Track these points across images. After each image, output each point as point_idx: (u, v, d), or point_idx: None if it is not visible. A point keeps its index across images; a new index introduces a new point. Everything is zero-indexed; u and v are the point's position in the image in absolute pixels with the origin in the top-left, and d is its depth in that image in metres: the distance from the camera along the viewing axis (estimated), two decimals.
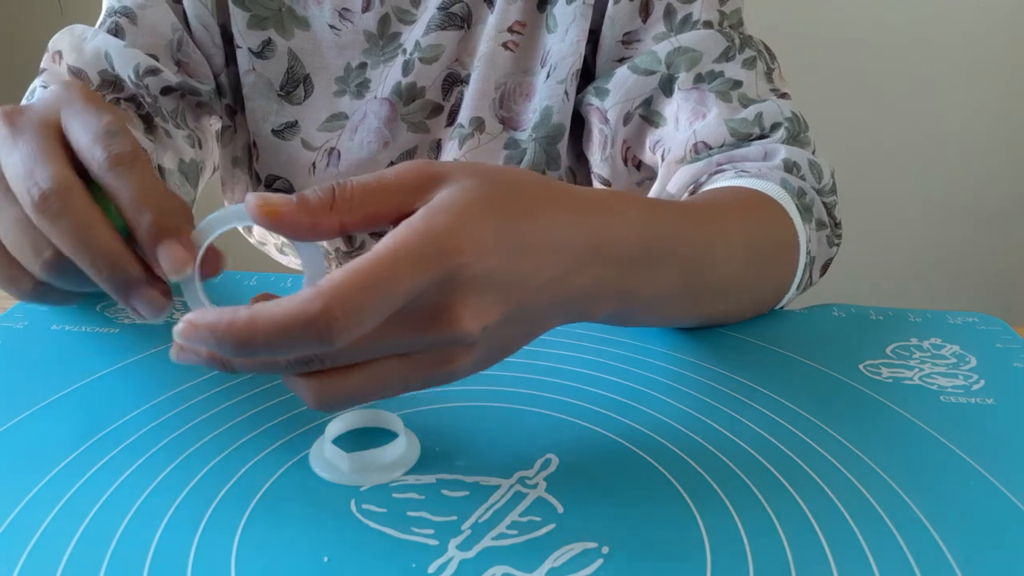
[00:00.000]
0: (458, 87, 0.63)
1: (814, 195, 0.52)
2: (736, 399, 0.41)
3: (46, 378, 0.40)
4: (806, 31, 1.68)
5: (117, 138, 0.31)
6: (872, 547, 0.31)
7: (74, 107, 0.33)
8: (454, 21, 0.61)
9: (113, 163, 0.30)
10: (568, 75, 0.59)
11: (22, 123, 0.33)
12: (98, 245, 0.31)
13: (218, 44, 0.62)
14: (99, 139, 0.31)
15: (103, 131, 0.31)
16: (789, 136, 0.54)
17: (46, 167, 0.30)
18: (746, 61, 0.57)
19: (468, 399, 0.40)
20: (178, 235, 0.31)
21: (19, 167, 0.31)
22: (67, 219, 0.30)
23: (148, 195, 0.31)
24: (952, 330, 0.49)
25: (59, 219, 0.30)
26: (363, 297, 0.26)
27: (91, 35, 0.57)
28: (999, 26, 1.66)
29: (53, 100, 0.34)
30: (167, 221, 0.31)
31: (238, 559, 0.29)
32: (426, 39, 0.61)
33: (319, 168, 0.64)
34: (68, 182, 0.30)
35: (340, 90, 0.63)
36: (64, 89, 0.34)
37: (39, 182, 0.30)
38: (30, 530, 0.30)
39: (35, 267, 0.33)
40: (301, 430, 0.37)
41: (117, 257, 0.31)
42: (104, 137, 0.31)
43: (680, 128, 0.57)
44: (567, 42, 0.59)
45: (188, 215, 0.32)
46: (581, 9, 0.58)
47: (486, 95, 0.61)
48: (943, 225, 1.82)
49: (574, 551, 0.30)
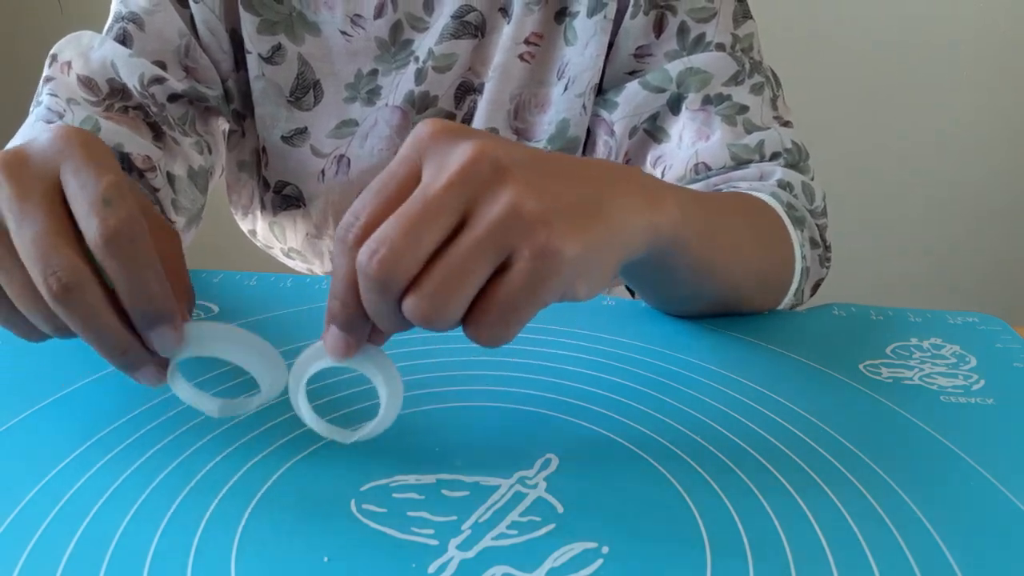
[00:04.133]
0: (471, 96, 0.63)
1: (805, 212, 0.54)
2: (736, 399, 0.41)
3: (46, 378, 0.40)
4: (805, 30, 1.68)
5: (112, 207, 0.31)
6: (872, 547, 0.31)
7: (73, 163, 0.32)
8: (468, 30, 0.60)
9: (106, 239, 0.30)
10: (587, 89, 0.60)
11: (28, 183, 0.32)
12: (109, 336, 0.32)
13: (226, 50, 0.62)
14: (94, 209, 0.31)
15: (99, 198, 0.31)
16: (788, 165, 0.56)
17: (61, 255, 0.31)
18: (754, 87, 0.58)
19: (468, 399, 0.40)
20: (170, 322, 0.32)
21: (32, 249, 0.31)
22: (80, 312, 0.31)
23: (139, 283, 0.31)
24: (952, 330, 0.49)
25: (74, 311, 0.31)
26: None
27: (98, 43, 0.57)
28: (999, 25, 1.66)
29: (53, 153, 0.33)
30: (158, 306, 0.32)
31: (238, 559, 0.29)
32: (439, 47, 0.61)
33: (328, 175, 0.64)
34: (83, 276, 0.31)
35: (350, 97, 0.63)
36: (64, 141, 0.33)
37: (56, 271, 0.30)
38: (30, 530, 0.30)
39: (46, 330, 0.34)
40: (301, 430, 0.37)
41: (126, 346, 0.32)
42: (100, 207, 0.31)
43: (683, 146, 0.58)
44: (587, 56, 0.59)
45: (183, 293, 0.34)
46: (601, 24, 0.58)
47: (501, 106, 0.61)
48: (943, 225, 1.82)
49: (574, 551, 0.30)
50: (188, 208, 0.59)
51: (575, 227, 0.30)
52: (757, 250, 0.48)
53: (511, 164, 0.30)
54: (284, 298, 0.51)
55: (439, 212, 0.29)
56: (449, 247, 0.29)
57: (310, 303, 0.51)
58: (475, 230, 0.29)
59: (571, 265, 0.30)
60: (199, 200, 0.61)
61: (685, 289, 0.46)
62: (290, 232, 0.68)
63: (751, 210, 0.49)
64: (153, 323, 0.32)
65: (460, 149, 0.30)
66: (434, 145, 0.31)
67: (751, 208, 0.50)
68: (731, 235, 0.45)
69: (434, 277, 0.29)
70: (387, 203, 0.30)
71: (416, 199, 0.29)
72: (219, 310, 0.50)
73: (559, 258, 0.29)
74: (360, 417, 0.37)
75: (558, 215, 0.30)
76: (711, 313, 0.50)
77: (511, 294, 0.29)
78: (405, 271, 0.29)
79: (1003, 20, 1.66)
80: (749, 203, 0.50)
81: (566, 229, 0.30)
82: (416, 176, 0.31)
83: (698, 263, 0.42)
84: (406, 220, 0.29)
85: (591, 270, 0.32)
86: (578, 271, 0.31)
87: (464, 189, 0.29)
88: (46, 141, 0.34)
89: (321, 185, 0.64)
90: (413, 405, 0.39)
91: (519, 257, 0.29)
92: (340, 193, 0.64)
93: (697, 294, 0.46)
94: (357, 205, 0.31)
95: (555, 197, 0.30)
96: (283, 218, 0.67)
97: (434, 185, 0.29)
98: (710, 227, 0.42)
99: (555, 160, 0.33)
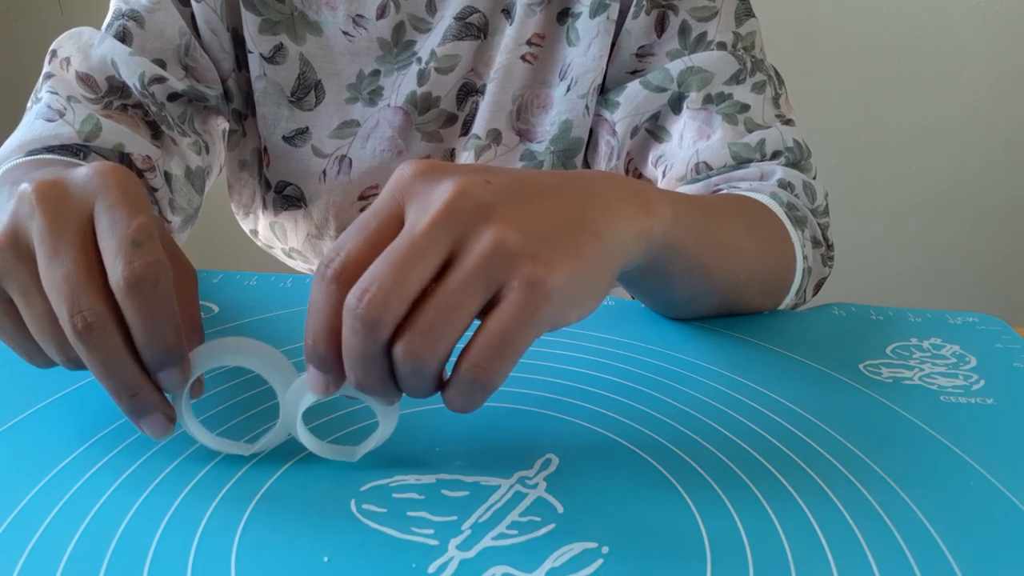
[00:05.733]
0: (473, 97, 0.63)
1: (807, 212, 0.53)
2: (736, 399, 0.41)
3: (46, 378, 0.40)
4: (804, 28, 1.68)
5: (141, 249, 0.31)
6: (872, 547, 0.31)
7: (108, 202, 0.32)
8: (470, 31, 0.60)
9: (129, 283, 0.31)
10: (589, 90, 0.60)
11: (63, 218, 0.32)
12: (123, 379, 0.32)
13: (227, 49, 0.61)
14: (123, 250, 0.31)
15: (129, 240, 0.31)
16: (789, 163, 0.56)
17: (89, 297, 0.31)
18: (756, 85, 0.58)
19: None
20: (179, 364, 0.32)
21: (62, 286, 0.31)
22: (99, 353, 0.31)
23: (157, 329, 0.31)
24: (952, 330, 0.49)
25: (93, 352, 0.31)
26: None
27: (98, 40, 0.57)
28: (998, 22, 1.66)
29: (91, 189, 0.33)
30: (171, 351, 0.32)
31: (238, 559, 0.29)
32: (442, 49, 0.60)
33: (329, 175, 0.64)
34: (105, 319, 0.31)
35: (352, 97, 0.63)
36: (101, 176, 0.33)
37: (83, 310, 0.31)
38: (30, 530, 0.30)
39: (56, 360, 0.34)
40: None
41: (138, 391, 0.32)
42: (128, 249, 0.31)
43: (684, 146, 0.58)
44: (589, 57, 0.59)
45: (194, 335, 0.35)
46: (604, 24, 0.58)
47: (503, 107, 0.61)
48: (943, 224, 1.82)
49: (574, 551, 0.30)
50: (184, 208, 0.59)
51: (563, 254, 0.31)
52: (756, 251, 0.48)
53: (493, 199, 0.30)
54: (284, 298, 0.51)
55: (426, 251, 0.29)
56: (438, 285, 0.30)
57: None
58: (463, 267, 0.29)
59: (560, 292, 0.30)
60: (195, 200, 0.61)
61: (683, 293, 0.46)
62: (291, 232, 0.68)
63: (749, 211, 0.49)
64: (163, 366, 0.32)
65: (442, 188, 0.30)
66: (416, 186, 0.31)
67: (748, 210, 0.50)
68: (728, 237, 0.45)
69: (425, 315, 0.29)
70: (368, 241, 0.30)
71: (403, 239, 0.30)
72: (219, 310, 0.50)
73: (547, 287, 0.30)
74: (360, 436, 0.37)
75: (544, 244, 0.30)
76: (711, 316, 0.50)
77: (504, 327, 0.29)
78: (395, 311, 0.29)
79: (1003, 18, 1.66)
80: (746, 205, 0.50)
81: (552, 257, 0.30)
82: (398, 216, 0.31)
83: (695, 265, 0.42)
84: (394, 260, 0.29)
85: (580, 295, 0.32)
86: (568, 298, 0.31)
87: (449, 227, 0.30)
88: (84, 176, 0.34)
89: (322, 185, 0.64)
90: (413, 405, 0.39)
91: (509, 290, 0.30)
92: (341, 193, 0.64)
93: (695, 297, 0.46)
94: (339, 241, 0.31)
95: (540, 226, 0.31)
96: (284, 218, 0.67)
97: (419, 225, 0.30)
98: (706, 229, 0.42)
99: (538, 182, 0.33)
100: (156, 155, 0.55)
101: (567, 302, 0.31)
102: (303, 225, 0.67)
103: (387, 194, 0.31)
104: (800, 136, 0.57)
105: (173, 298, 0.32)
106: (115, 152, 0.53)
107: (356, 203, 0.65)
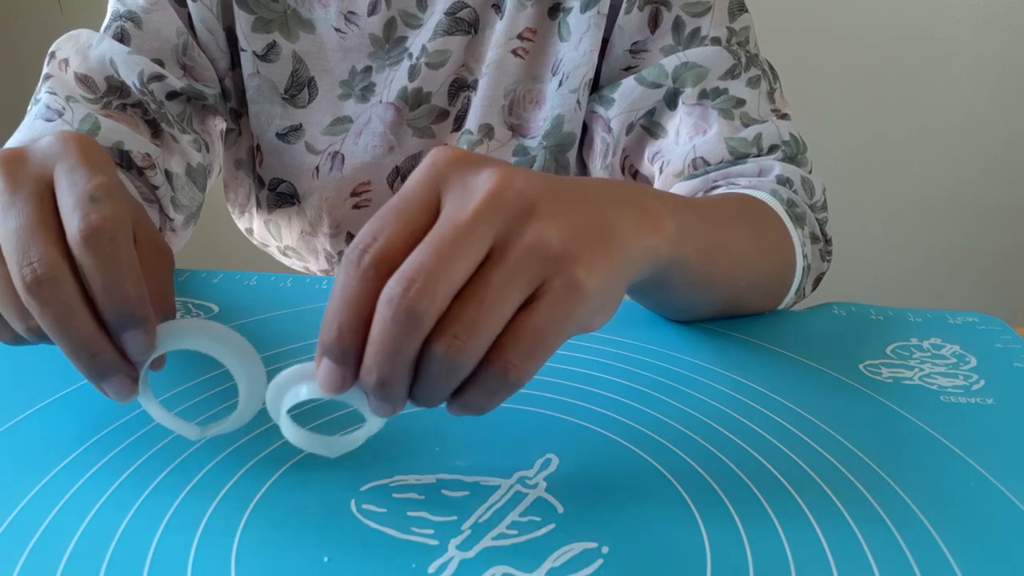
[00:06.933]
0: (464, 92, 0.63)
1: (806, 208, 0.53)
2: (736, 399, 0.41)
3: (46, 378, 0.40)
4: (804, 29, 1.68)
5: (98, 204, 0.30)
6: (872, 547, 0.31)
7: (68, 163, 0.32)
8: (461, 26, 0.61)
9: (85, 235, 0.30)
10: (581, 84, 0.60)
11: (21, 179, 0.32)
12: (79, 337, 0.31)
13: (223, 48, 0.62)
14: (80, 204, 0.31)
15: (86, 196, 0.31)
16: (786, 158, 0.56)
17: (39, 247, 0.30)
18: (751, 80, 0.58)
19: None
20: (143, 326, 0.31)
21: (13, 238, 0.31)
22: (53, 307, 0.30)
23: (115, 282, 0.30)
24: (952, 330, 0.49)
25: (45, 306, 0.30)
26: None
27: (96, 41, 0.57)
28: (998, 22, 1.66)
29: (52, 153, 0.33)
30: (132, 309, 0.31)
31: (238, 559, 0.29)
32: (433, 44, 0.61)
33: (323, 172, 0.64)
34: (58, 269, 0.30)
35: (344, 94, 0.63)
36: (62, 142, 0.33)
37: (32, 262, 0.30)
38: (30, 530, 0.30)
39: (19, 329, 0.33)
40: None
41: (96, 350, 0.31)
42: (85, 203, 0.30)
43: (680, 142, 0.58)
44: (580, 51, 0.59)
45: (162, 310, 0.33)
46: (595, 19, 0.58)
47: (495, 102, 0.61)
48: (943, 224, 1.82)
49: (574, 551, 0.30)
50: (186, 206, 0.59)
51: (601, 257, 0.30)
52: (759, 256, 0.47)
53: (536, 193, 0.29)
54: (284, 298, 0.51)
55: (471, 242, 0.28)
56: (480, 278, 0.28)
57: (310, 303, 0.51)
58: (507, 261, 0.28)
59: (596, 295, 0.29)
60: (197, 198, 0.61)
61: (684, 302, 0.46)
62: (285, 229, 0.69)
63: (752, 214, 0.49)
64: (126, 326, 0.31)
65: (483, 177, 0.29)
66: (455, 172, 0.30)
67: (751, 212, 0.49)
68: (732, 245, 0.45)
69: (469, 310, 0.28)
70: (407, 228, 0.29)
71: (446, 228, 0.28)
72: (219, 310, 0.50)
73: (586, 289, 0.29)
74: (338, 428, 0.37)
75: (584, 246, 0.29)
76: (712, 319, 0.50)
77: (541, 325, 0.29)
78: (440, 304, 0.27)
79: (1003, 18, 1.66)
80: (749, 206, 0.50)
81: (592, 260, 0.29)
82: (434, 203, 0.29)
83: (698, 278, 0.42)
84: (438, 249, 0.27)
85: (608, 301, 0.31)
86: (600, 302, 0.30)
87: (492, 218, 0.28)
88: (46, 143, 0.34)
89: (315, 182, 0.65)
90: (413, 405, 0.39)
91: (549, 288, 0.29)
92: (334, 190, 0.64)
93: (696, 305, 0.46)
94: (374, 226, 0.29)
95: (578, 227, 0.30)
96: (278, 215, 0.68)
97: (462, 215, 0.28)
98: (710, 242, 0.41)
99: (568, 184, 0.32)
100: (156, 153, 0.55)
101: (598, 306, 0.30)
102: (297, 222, 0.67)
103: (421, 179, 0.30)
104: (796, 130, 0.57)
105: (134, 254, 0.31)
106: (114, 150, 0.53)
107: (348, 199, 0.65)
